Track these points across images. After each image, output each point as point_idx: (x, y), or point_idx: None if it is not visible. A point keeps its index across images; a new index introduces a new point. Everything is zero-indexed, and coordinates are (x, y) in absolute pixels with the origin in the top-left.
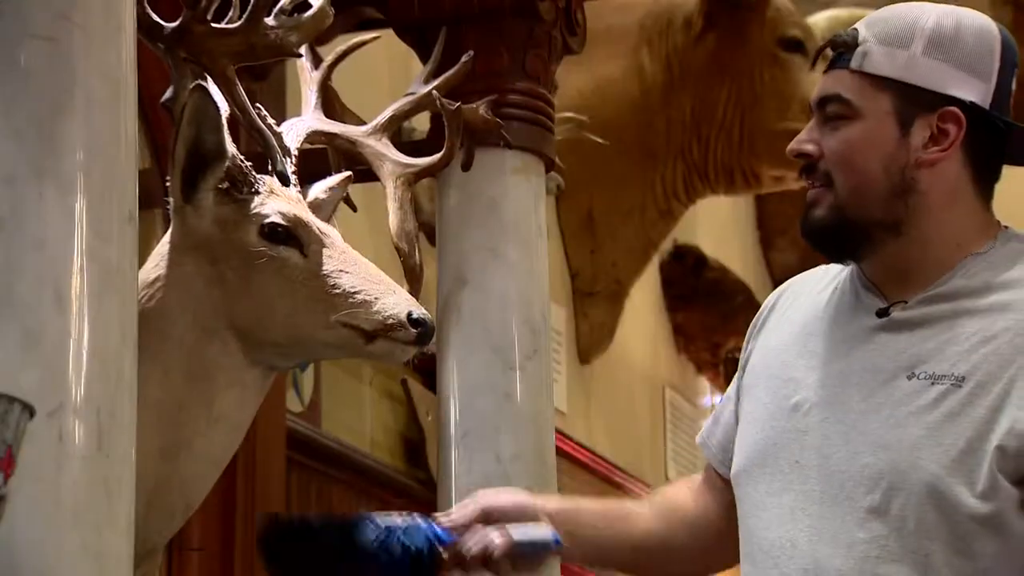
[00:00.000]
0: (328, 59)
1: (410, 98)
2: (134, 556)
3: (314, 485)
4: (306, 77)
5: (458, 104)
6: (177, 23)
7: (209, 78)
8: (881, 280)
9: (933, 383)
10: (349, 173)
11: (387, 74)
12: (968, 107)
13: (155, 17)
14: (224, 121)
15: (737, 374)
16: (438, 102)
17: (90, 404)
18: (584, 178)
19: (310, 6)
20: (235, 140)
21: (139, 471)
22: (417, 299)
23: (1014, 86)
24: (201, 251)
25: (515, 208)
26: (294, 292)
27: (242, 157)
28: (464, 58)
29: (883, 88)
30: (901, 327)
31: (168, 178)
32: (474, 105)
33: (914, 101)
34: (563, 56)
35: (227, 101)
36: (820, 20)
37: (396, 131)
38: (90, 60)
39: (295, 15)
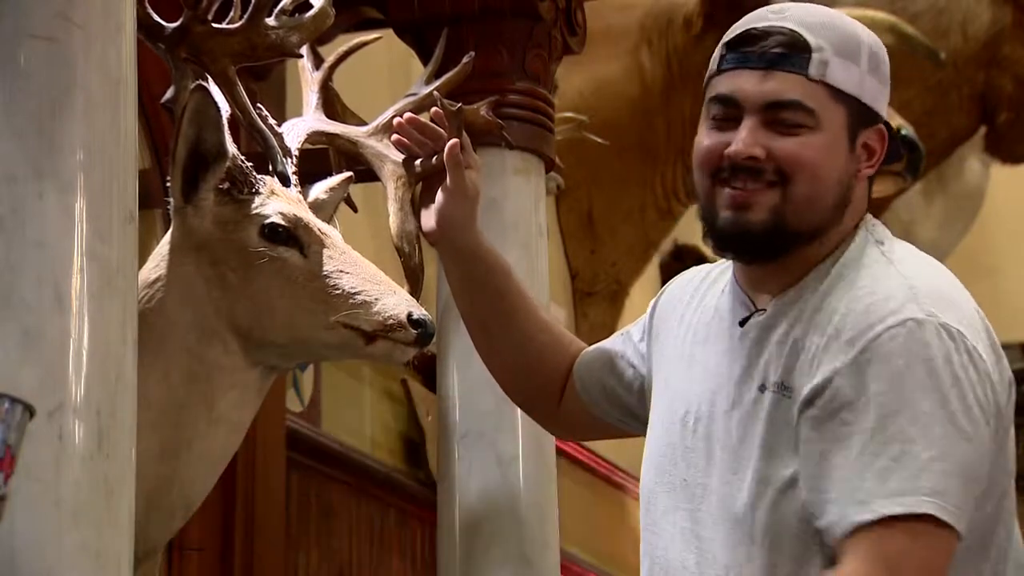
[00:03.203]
0: (329, 60)
1: (411, 98)
2: (134, 556)
3: (314, 485)
4: (307, 77)
5: (459, 104)
6: (178, 23)
7: (210, 78)
8: (755, 283)
9: (772, 392)
10: (350, 174)
11: (387, 74)
12: (886, 123)
13: (156, 17)
14: (225, 121)
15: (636, 336)
16: (439, 103)
17: (90, 404)
18: (584, 178)
19: (311, 6)
20: (235, 140)
21: (139, 471)
22: (417, 300)
23: None
24: (201, 251)
25: (515, 208)
26: (294, 293)
27: (243, 157)
28: (465, 59)
29: (840, 101)
30: (757, 336)
31: (168, 178)
32: (475, 106)
33: (860, 117)
34: (563, 56)
35: (227, 101)
36: None
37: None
38: (90, 60)
39: (296, 15)
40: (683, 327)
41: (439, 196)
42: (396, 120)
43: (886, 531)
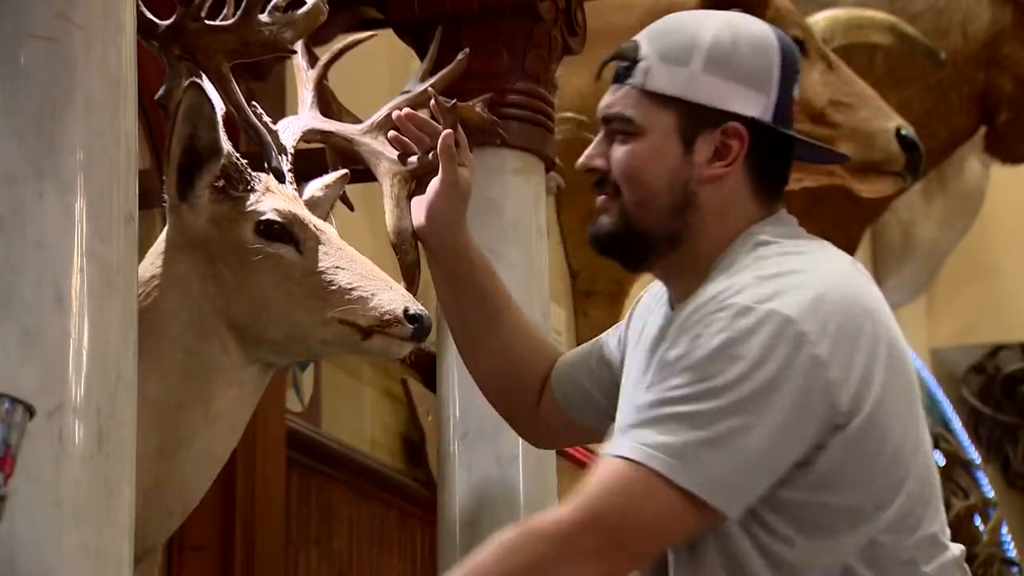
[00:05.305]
0: (324, 58)
1: (406, 96)
2: (133, 555)
3: (314, 485)
4: (302, 76)
5: (453, 101)
6: (171, 20)
7: (204, 75)
8: (669, 292)
9: None
10: (345, 171)
11: (387, 74)
12: (750, 122)
13: (149, 14)
14: (219, 118)
15: (612, 341)
16: (434, 100)
17: (90, 404)
18: (584, 178)
19: (304, 3)
20: (232, 138)
21: (137, 470)
22: (415, 297)
23: (796, 93)
24: (197, 249)
25: (515, 208)
26: (290, 289)
27: (238, 154)
28: (460, 55)
29: (665, 106)
30: (663, 340)
31: (164, 176)
32: (471, 103)
33: (696, 118)
34: (563, 56)
35: (222, 98)
36: (820, 20)
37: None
38: (90, 60)
39: (289, 12)
40: (645, 335)
41: (430, 190)
42: (395, 114)
43: (617, 467)
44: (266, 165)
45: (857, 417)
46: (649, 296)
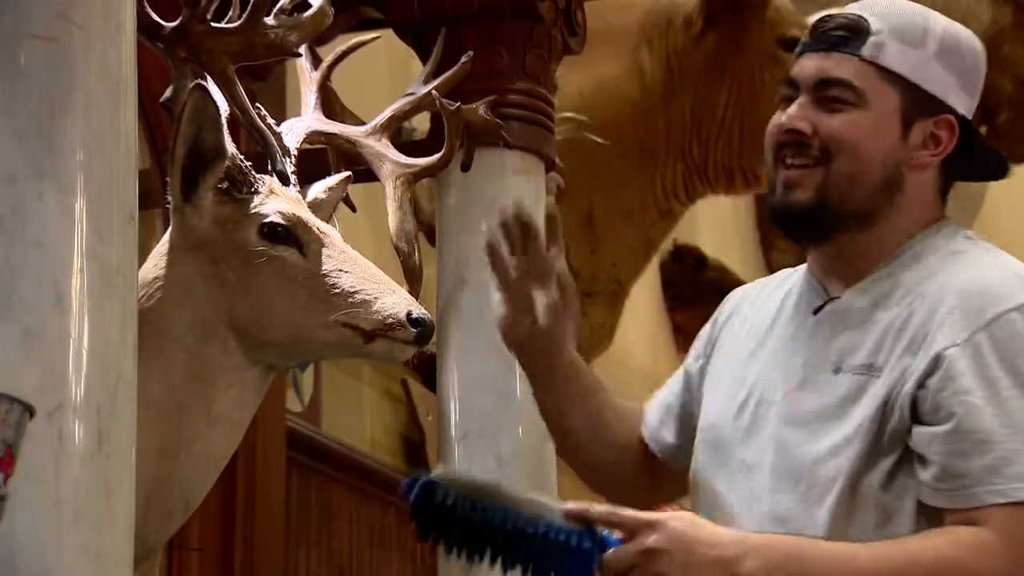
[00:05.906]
0: (327, 60)
1: (410, 98)
2: (133, 556)
3: (314, 485)
4: (306, 78)
5: (458, 104)
6: (177, 22)
7: (209, 77)
8: (826, 271)
9: (851, 374)
10: (348, 173)
11: (387, 74)
12: (960, 118)
13: (154, 16)
14: (224, 120)
15: (692, 362)
16: (438, 102)
17: (90, 404)
18: (584, 178)
19: (310, 6)
20: (235, 140)
21: (138, 471)
22: (417, 299)
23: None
24: (201, 251)
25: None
26: (293, 292)
27: (242, 157)
28: (464, 58)
29: (893, 84)
30: (832, 321)
31: (168, 177)
32: (474, 105)
33: (918, 103)
34: (563, 56)
35: (227, 101)
36: None
37: (396, 131)
38: (90, 60)
39: (295, 15)
40: (747, 327)
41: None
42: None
43: (1017, 513)
44: (270, 168)
45: None
46: (745, 292)
